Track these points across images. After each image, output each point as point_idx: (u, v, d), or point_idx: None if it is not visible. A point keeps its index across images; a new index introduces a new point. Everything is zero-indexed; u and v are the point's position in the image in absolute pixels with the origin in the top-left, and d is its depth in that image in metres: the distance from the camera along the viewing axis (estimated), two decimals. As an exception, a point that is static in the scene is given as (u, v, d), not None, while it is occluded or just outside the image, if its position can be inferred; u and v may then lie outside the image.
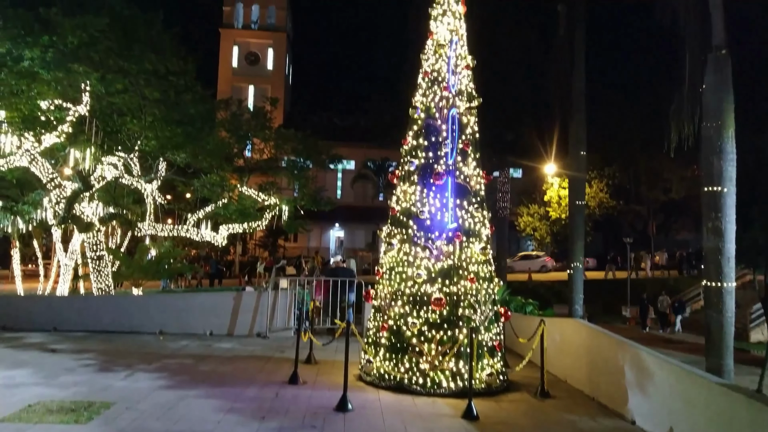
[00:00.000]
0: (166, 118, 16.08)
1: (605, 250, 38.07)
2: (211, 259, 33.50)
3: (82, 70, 14.26)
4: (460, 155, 8.27)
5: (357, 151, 48.16)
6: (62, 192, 14.98)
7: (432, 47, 8.62)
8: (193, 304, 12.86)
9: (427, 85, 8.55)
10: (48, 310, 12.63)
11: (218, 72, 54.62)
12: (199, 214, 19.11)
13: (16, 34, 13.64)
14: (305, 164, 22.83)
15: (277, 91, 51.64)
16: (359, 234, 51.90)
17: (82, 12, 14.30)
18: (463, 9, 8.67)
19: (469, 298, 7.80)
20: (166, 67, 15.68)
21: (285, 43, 57.31)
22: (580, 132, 16.51)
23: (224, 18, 56.07)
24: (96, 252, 15.36)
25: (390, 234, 8.49)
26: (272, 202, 19.83)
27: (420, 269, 7.89)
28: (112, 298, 14.48)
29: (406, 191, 8.40)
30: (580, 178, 17.28)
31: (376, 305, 8.38)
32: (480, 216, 8.27)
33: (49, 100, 14.79)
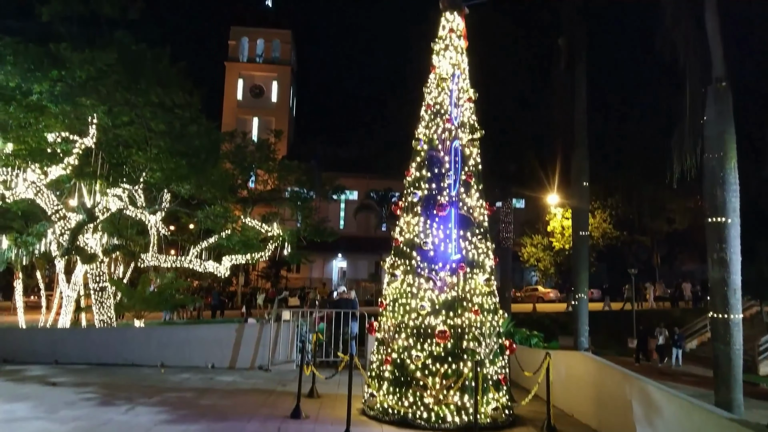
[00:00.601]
0: (171, 150, 16.25)
1: (610, 281, 37.82)
2: (212, 290, 33.34)
3: (90, 103, 14.50)
4: (463, 186, 8.30)
5: (360, 182, 48.44)
6: (67, 223, 15.04)
7: (435, 81, 8.75)
8: (195, 337, 12.75)
9: (429, 117, 8.64)
10: (49, 343, 12.53)
11: (223, 104, 55.39)
12: (202, 245, 19.12)
13: (26, 68, 13.92)
14: (308, 195, 22.96)
15: (281, 122, 52.24)
16: (362, 265, 51.75)
17: (91, 47, 14.62)
18: (465, 44, 8.83)
19: (474, 330, 7.73)
20: (172, 100, 15.92)
21: (289, 76, 58.25)
22: (582, 163, 16.60)
23: (230, 52, 57.14)
24: (99, 283, 15.33)
25: (393, 265, 8.46)
26: (275, 233, 19.85)
27: (424, 301, 7.84)
28: (114, 331, 14.38)
29: (410, 222, 8.41)
30: (583, 209, 17.29)
31: (380, 338, 8.30)
32: (484, 247, 8.25)
33: (56, 132, 14.98)
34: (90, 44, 14.84)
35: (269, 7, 60.12)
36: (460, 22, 8.79)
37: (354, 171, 46.43)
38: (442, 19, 8.83)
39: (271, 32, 57.40)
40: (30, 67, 13.98)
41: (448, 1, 8.77)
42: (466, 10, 8.86)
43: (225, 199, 19.20)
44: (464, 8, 8.83)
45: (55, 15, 14.86)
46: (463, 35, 8.81)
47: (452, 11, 8.75)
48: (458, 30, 8.77)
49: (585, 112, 16.19)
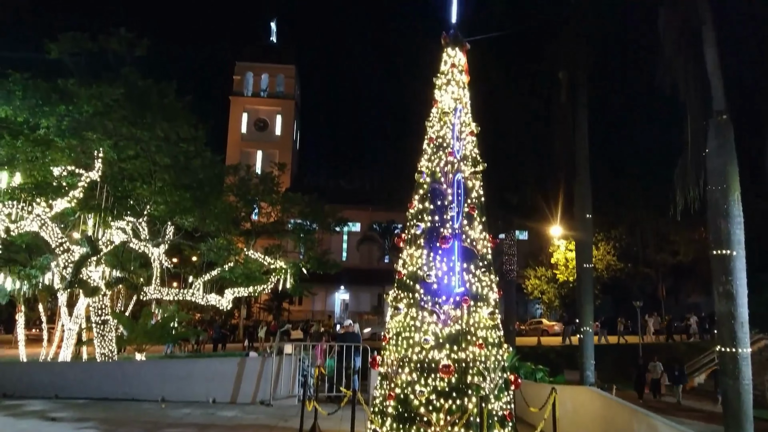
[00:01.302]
0: (175, 183, 16.37)
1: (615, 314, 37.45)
2: (214, 323, 33.08)
3: (96, 137, 14.67)
4: (466, 219, 8.30)
5: (362, 214, 48.59)
6: (70, 256, 15.06)
7: (437, 114, 8.84)
8: (196, 371, 12.61)
9: (432, 150, 8.70)
10: (50, 377, 12.40)
11: (228, 137, 56.05)
12: (204, 278, 19.07)
13: (34, 104, 14.16)
14: (311, 227, 22.99)
15: (285, 155, 52.75)
16: (364, 297, 51.47)
17: (99, 82, 14.88)
18: (467, 78, 8.96)
19: (478, 364, 7.61)
20: (178, 133, 16.12)
21: (293, 109, 59.08)
22: (585, 195, 16.60)
23: (234, 86, 58.13)
24: (101, 316, 15.25)
25: (397, 298, 8.39)
26: (278, 265, 19.82)
27: (427, 335, 7.75)
28: (115, 364, 14.23)
29: (413, 255, 8.38)
30: (586, 241, 17.22)
31: (383, 372, 8.18)
32: (487, 280, 8.21)
33: (62, 166, 15.14)
34: (97, 79, 15.11)
35: (273, 43, 61.43)
36: (461, 57, 8.94)
37: (356, 203, 46.62)
38: (444, 55, 8.98)
39: (276, 67, 58.49)
40: (38, 102, 14.20)
41: (450, 37, 8.94)
42: (468, 45, 9.02)
43: (228, 232, 19.24)
44: (466, 44, 9.00)
45: (64, 51, 15.21)
46: (465, 70, 8.95)
47: (454, 47, 8.91)
48: (460, 65, 8.91)
49: (586, 144, 16.28)
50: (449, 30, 9.06)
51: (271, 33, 61.79)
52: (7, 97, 13.93)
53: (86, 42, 15.24)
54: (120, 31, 15.63)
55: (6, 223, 14.49)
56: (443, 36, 9.01)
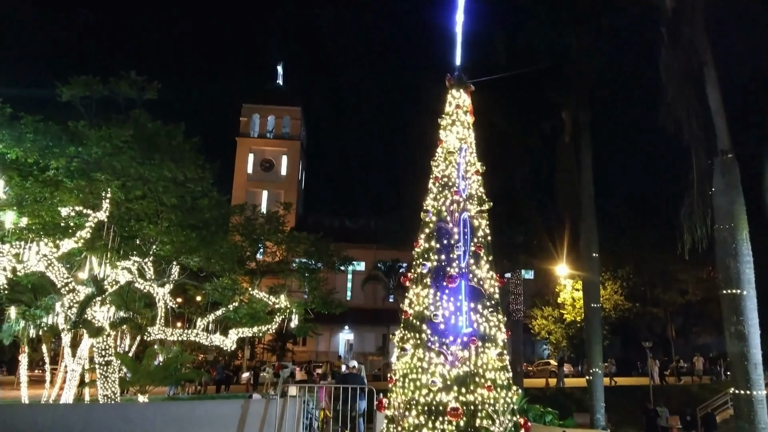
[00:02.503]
0: (182, 223, 16.45)
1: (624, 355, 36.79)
2: (217, 364, 32.64)
3: (104, 178, 14.83)
4: (473, 258, 8.27)
5: (367, 253, 48.51)
6: (76, 296, 15.02)
7: (442, 154, 8.93)
8: (199, 413, 12.36)
9: (438, 189, 8.75)
10: (52, 419, 12.15)
11: (234, 178, 56.62)
12: (209, 318, 18.93)
13: (44, 145, 14.38)
14: (316, 266, 22.93)
15: (290, 195, 53.12)
16: (369, 337, 50.88)
17: (108, 124, 15.15)
18: (472, 119, 9.09)
19: (487, 407, 7.45)
20: (185, 174, 16.27)
21: (298, 150, 59.85)
22: (590, 234, 16.58)
23: (241, 128, 59.10)
24: (104, 357, 15.09)
25: (403, 338, 8.29)
26: (283, 305, 19.69)
27: (435, 376, 7.61)
28: (117, 406, 13.99)
29: (419, 294, 8.32)
30: (593, 281, 17.10)
31: (389, 415, 8.01)
32: (495, 320, 8.11)
33: (70, 207, 15.25)
34: (107, 121, 15.38)
35: (280, 85, 62.76)
36: (466, 98, 9.09)
37: (361, 242, 46.66)
38: (448, 96, 9.14)
39: (282, 109, 59.59)
40: (48, 144, 14.42)
41: (454, 79, 9.12)
42: (472, 87, 9.19)
43: (233, 271, 19.21)
44: (470, 85, 9.16)
45: (75, 94, 15.54)
46: (470, 111, 9.09)
47: (458, 88, 9.08)
48: (465, 106, 9.05)
49: (591, 183, 16.37)
50: (454, 72, 9.25)
51: (277, 76, 63.22)
52: (18, 138, 14.17)
53: (97, 85, 15.57)
54: (130, 74, 15.98)
55: (13, 263, 14.52)
56: (448, 78, 9.19)
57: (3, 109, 14.52)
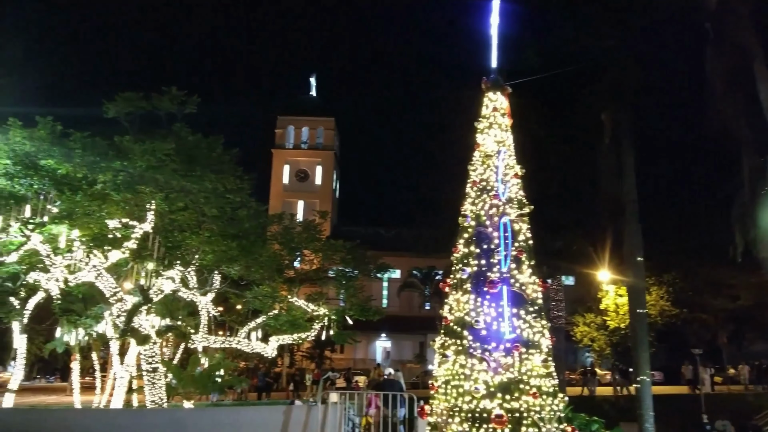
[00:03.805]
0: (222, 233, 16.79)
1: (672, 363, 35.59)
2: (258, 371, 33.07)
3: (149, 190, 15.28)
4: (514, 262, 8.18)
5: (402, 260, 48.39)
6: (123, 305, 15.49)
7: (479, 158, 8.88)
8: (243, 419, 12.56)
9: (476, 194, 8.70)
10: (103, 424, 12.53)
11: (271, 188, 57.51)
12: (250, 325, 19.23)
13: (92, 160, 14.93)
14: (353, 274, 23.00)
15: (325, 205, 53.56)
16: (406, 345, 50.71)
17: (151, 138, 15.62)
18: (510, 121, 9.02)
19: (533, 415, 7.34)
20: (224, 185, 16.62)
21: (332, 160, 60.43)
22: (634, 239, 16.12)
23: (276, 139, 60.09)
24: (151, 364, 15.49)
25: (444, 345, 8.25)
26: (321, 312, 19.84)
27: (478, 383, 7.54)
28: (165, 412, 14.32)
29: (459, 300, 8.27)
30: (639, 286, 16.61)
31: (432, 422, 7.96)
32: (539, 325, 7.99)
33: (117, 219, 15.78)
34: (150, 136, 15.86)
35: (313, 97, 63.58)
36: (503, 101, 9.04)
37: (396, 249, 46.55)
38: (485, 99, 9.10)
39: (316, 120, 60.34)
40: (96, 159, 14.96)
41: (490, 82, 9.08)
42: (509, 89, 9.12)
43: (272, 279, 19.47)
44: (507, 88, 9.11)
45: (120, 110, 16.11)
46: (507, 113, 9.03)
47: (495, 91, 9.03)
48: (502, 108, 8.99)
49: (634, 186, 15.94)
50: (489, 75, 9.21)
51: (311, 87, 64.05)
52: (68, 155, 14.75)
53: (140, 101, 16.10)
54: (171, 90, 16.45)
55: (65, 274, 15.09)
56: (484, 81, 9.15)
57: (54, 126, 15.17)
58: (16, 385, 17.55)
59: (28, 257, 16.05)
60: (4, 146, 14.52)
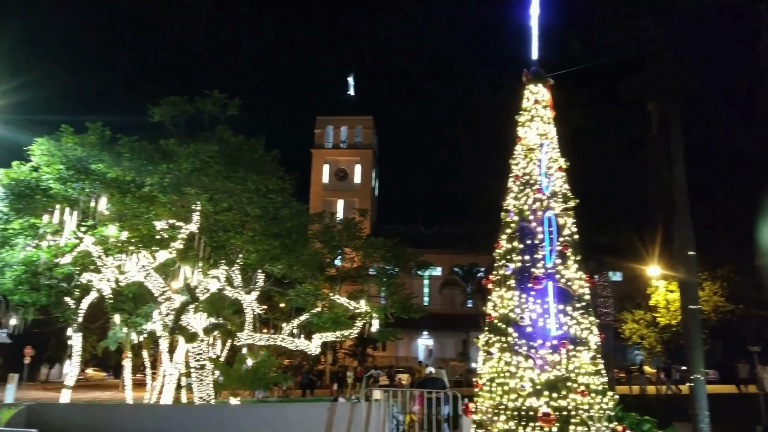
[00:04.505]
0: (265, 233, 17.07)
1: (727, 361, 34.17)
2: (302, 368, 33.52)
3: (194, 192, 15.67)
4: (560, 258, 7.98)
5: (443, 258, 48.16)
6: (171, 304, 15.93)
7: (522, 152, 8.70)
8: (288, 415, 12.71)
9: (518, 188, 8.53)
10: (155, 419, 12.92)
11: (311, 188, 58.16)
12: (294, 323, 19.50)
13: (139, 164, 15.42)
14: (394, 271, 23.02)
15: (364, 203, 53.84)
16: (448, 343, 50.47)
17: (195, 141, 16.01)
18: (553, 113, 8.80)
19: (581, 413, 7.15)
20: (267, 185, 16.90)
21: (371, 158, 60.64)
22: (685, 232, 15.52)
23: (315, 139, 60.73)
24: (199, 361, 15.89)
25: (488, 342, 8.12)
26: (363, 309, 19.94)
27: (524, 381, 7.40)
28: (213, 408, 14.67)
29: (503, 296, 8.13)
30: (691, 281, 15.98)
31: (477, 420, 7.86)
32: (586, 322, 7.77)
33: (164, 220, 16.24)
34: (194, 138, 16.26)
35: (352, 96, 63.90)
36: (545, 92, 8.82)
37: (436, 247, 46.38)
38: (526, 92, 8.90)
39: (354, 119, 60.68)
40: (143, 162, 15.45)
41: (531, 74, 8.88)
42: (551, 81, 8.90)
43: (314, 278, 19.68)
44: (549, 79, 8.89)
45: (165, 114, 16.56)
46: (550, 105, 8.82)
47: (536, 83, 8.83)
48: (544, 101, 8.78)
49: (684, 178, 15.34)
50: (530, 67, 9.01)
51: (349, 87, 64.41)
52: (116, 158, 15.29)
53: (184, 105, 16.51)
54: (214, 93, 16.81)
55: (116, 274, 15.63)
56: (524, 73, 8.96)
57: (103, 132, 15.73)
58: (72, 382, 18.32)
59: (81, 258, 16.72)
60: (57, 152, 15.15)
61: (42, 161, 15.47)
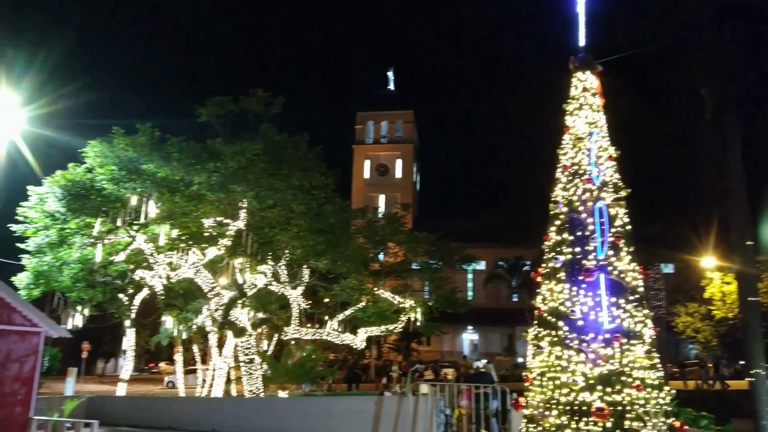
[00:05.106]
0: (309, 229, 17.28)
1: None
2: (347, 362, 33.81)
3: (240, 190, 16.01)
4: (612, 249, 7.75)
5: (487, 252, 47.61)
6: (220, 300, 16.33)
7: (570, 141, 8.48)
8: (335, 409, 12.88)
9: (567, 178, 8.32)
10: (207, 412, 13.33)
11: (352, 183, 58.44)
12: (339, 317, 19.69)
13: (187, 163, 15.84)
14: (437, 265, 22.93)
15: (406, 197, 53.68)
16: (494, 337, 49.92)
17: (241, 140, 16.32)
18: (602, 101, 8.55)
19: (636, 408, 6.94)
20: (310, 182, 17.10)
21: (412, 152, 60.41)
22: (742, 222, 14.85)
23: (356, 135, 60.90)
24: (247, 355, 16.26)
25: (538, 336, 7.97)
26: (408, 304, 19.95)
27: (576, 375, 7.23)
28: (262, 401, 15.00)
29: (553, 289, 7.96)
30: (749, 272, 15.29)
31: (528, 414, 7.74)
32: (640, 315, 7.53)
33: (212, 217, 16.64)
34: (239, 137, 16.57)
35: (392, 91, 63.77)
36: (594, 80, 8.57)
37: (480, 241, 45.81)
38: (573, 79, 8.66)
39: (394, 114, 60.53)
40: (191, 162, 15.85)
41: (578, 61, 8.63)
42: (600, 67, 8.64)
43: (358, 272, 19.81)
44: (597, 66, 8.62)
45: (211, 114, 16.93)
46: (599, 93, 8.56)
47: (584, 70, 8.58)
48: (592, 88, 8.52)
49: (740, 164, 14.66)
50: (577, 54, 8.77)
51: (389, 82, 64.30)
52: (166, 159, 15.74)
53: (229, 104, 16.84)
54: (257, 92, 17.07)
55: (167, 270, 16.11)
56: (571, 60, 8.72)
57: (152, 132, 16.22)
58: (127, 375, 19.02)
59: (134, 256, 17.32)
60: (110, 153, 15.72)
61: (96, 162, 16.09)
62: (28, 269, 16.07)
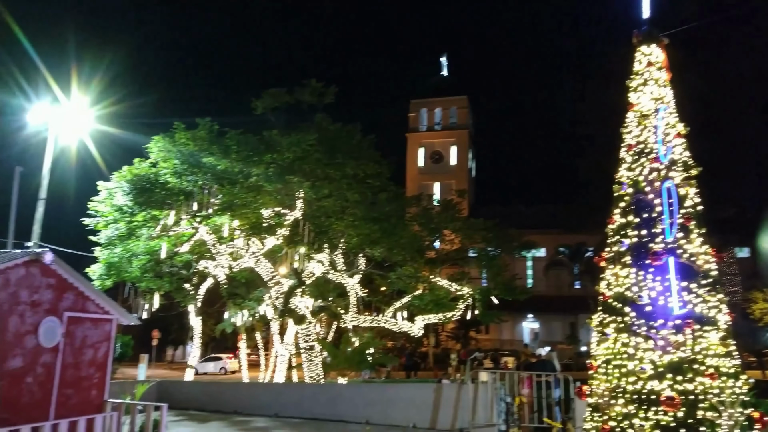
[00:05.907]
0: (365, 217, 17.35)
1: None
2: (405, 350, 33.95)
3: (297, 180, 16.24)
4: (681, 231, 7.35)
5: (546, 238, 46.41)
6: (280, 288, 16.69)
7: (634, 119, 8.08)
8: (396, 396, 12.94)
9: (632, 158, 7.94)
10: (269, 397, 13.74)
11: (406, 171, 58.26)
12: (396, 305, 19.73)
13: (246, 155, 16.19)
14: (495, 252, 22.53)
15: (461, 184, 53.01)
16: (555, 325, 48.80)
17: (296, 130, 16.52)
18: (668, 75, 8.08)
19: (710, 398, 6.58)
20: (364, 171, 17.14)
21: (467, 138, 59.51)
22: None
23: (410, 123, 60.53)
24: (308, 342, 16.59)
25: (603, 322, 7.68)
26: (465, 291, 19.73)
27: (644, 362, 6.93)
28: (323, 387, 15.29)
29: (618, 274, 7.64)
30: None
31: (593, 403, 7.49)
32: (714, 300, 7.12)
33: (270, 208, 16.99)
34: (294, 128, 16.77)
35: (445, 77, 62.91)
36: (659, 53, 8.10)
37: (539, 227, 44.71)
38: (637, 54, 8.23)
39: (448, 100, 59.71)
40: (249, 154, 16.19)
41: (642, 34, 8.19)
42: (665, 40, 8.16)
43: (414, 260, 19.75)
44: (663, 39, 8.15)
45: (267, 106, 17.20)
46: (666, 66, 8.09)
47: (649, 44, 8.13)
48: (658, 62, 8.07)
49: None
50: (641, 27, 8.31)
51: (442, 68, 63.48)
52: (225, 152, 16.15)
53: (284, 95, 17.05)
54: (311, 82, 17.20)
55: (229, 260, 16.60)
56: (635, 34, 8.29)
57: (212, 126, 16.66)
58: (195, 362, 19.81)
59: (198, 247, 17.94)
60: (173, 148, 16.28)
61: (159, 157, 16.71)
62: (101, 261, 16.95)
